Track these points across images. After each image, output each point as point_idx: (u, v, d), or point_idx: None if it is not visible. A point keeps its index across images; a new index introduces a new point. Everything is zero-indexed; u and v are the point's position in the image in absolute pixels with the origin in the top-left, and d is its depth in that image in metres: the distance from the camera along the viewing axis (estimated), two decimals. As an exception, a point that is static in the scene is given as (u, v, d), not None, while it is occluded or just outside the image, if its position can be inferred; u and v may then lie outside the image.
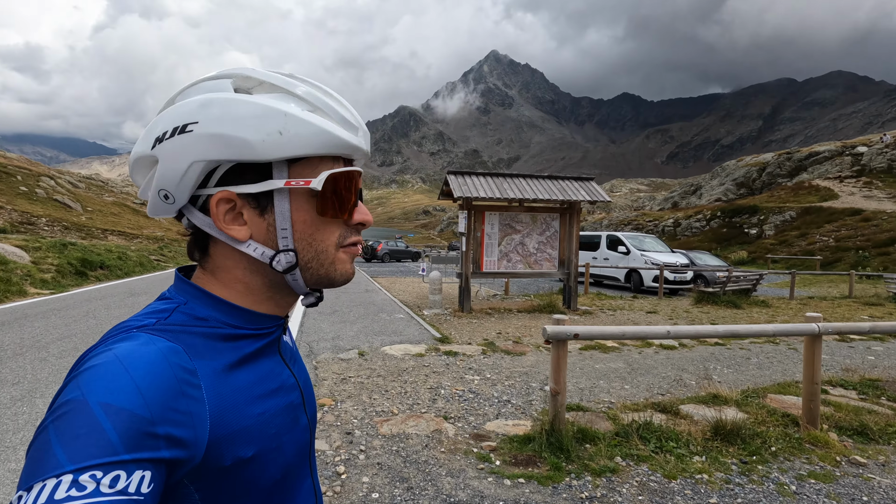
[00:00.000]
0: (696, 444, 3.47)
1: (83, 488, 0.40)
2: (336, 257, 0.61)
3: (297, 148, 0.56)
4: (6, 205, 26.93)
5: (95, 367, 0.47)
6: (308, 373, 0.75)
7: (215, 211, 0.58)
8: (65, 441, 0.42)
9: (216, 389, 0.53)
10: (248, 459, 0.54)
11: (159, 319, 0.55)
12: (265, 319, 0.62)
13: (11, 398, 3.99)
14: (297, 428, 0.63)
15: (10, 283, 10.27)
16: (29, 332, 6.52)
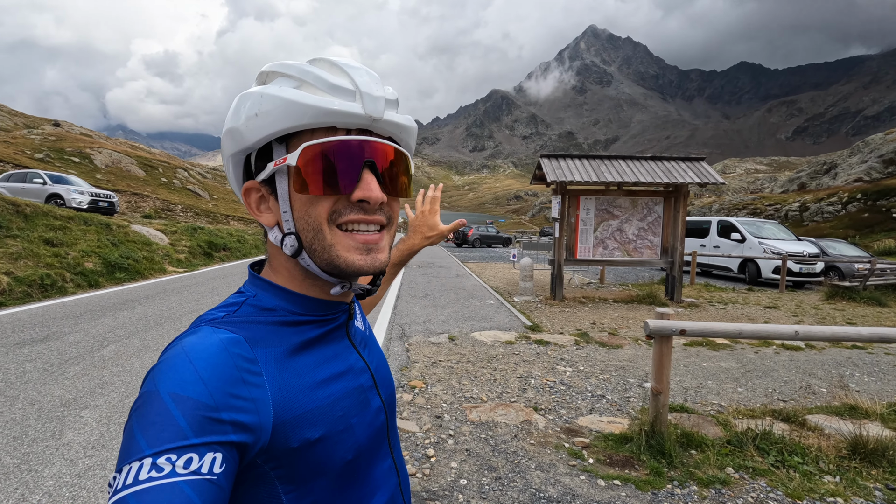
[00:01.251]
0: (829, 462, 3.02)
1: (161, 469, 0.43)
2: (334, 240, 0.57)
3: (271, 125, 0.55)
4: (151, 194, 31.11)
5: (166, 360, 0.51)
6: (384, 356, 0.76)
7: (246, 200, 0.62)
8: (143, 428, 0.46)
9: (278, 376, 0.54)
10: (316, 441, 0.55)
11: (228, 313, 0.58)
12: (327, 306, 0.63)
13: (153, 362, 4.59)
14: (369, 410, 0.63)
15: (154, 261, 11.87)
16: (167, 306, 7.48)
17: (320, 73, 0.56)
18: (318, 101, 0.54)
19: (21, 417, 3.28)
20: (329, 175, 0.55)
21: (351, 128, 0.57)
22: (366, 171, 0.57)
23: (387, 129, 0.59)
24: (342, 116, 0.55)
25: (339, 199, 0.57)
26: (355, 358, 0.65)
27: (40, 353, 4.72)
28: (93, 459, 2.77)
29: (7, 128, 36.40)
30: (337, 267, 0.57)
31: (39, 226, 10.12)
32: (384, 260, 0.60)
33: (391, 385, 0.73)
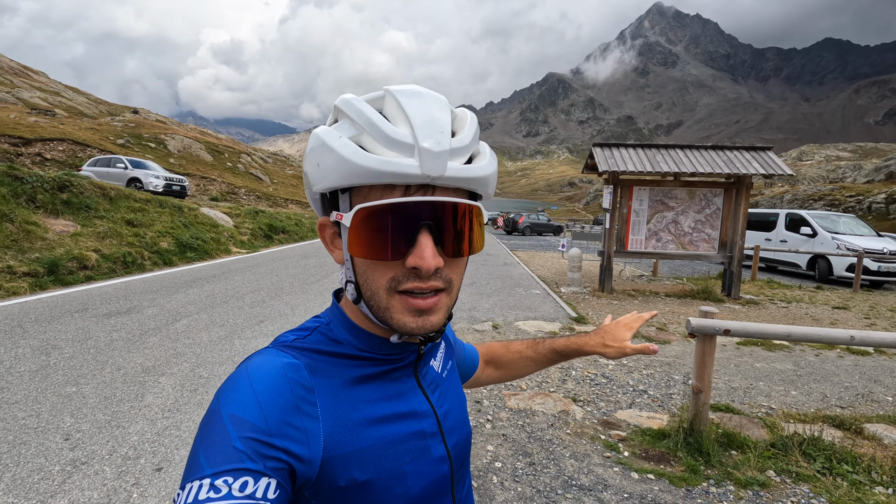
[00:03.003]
0: (882, 473, 2.90)
1: (219, 491, 0.44)
2: (390, 304, 0.55)
3: (327, 180, 0.53)
4: (217, 178, 33.02)
5: (231, 379, 0.54)
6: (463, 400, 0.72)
7: (321, 234, 0.62)
8: (205, 447, 0.47)
9: (333, 408, 0.54)
10: (363, 483, 0.53)
11: (297, 337, 0.60)
12: (391, 345, 0.61)
13: (219, 337, 5.02)
14: (428, 458, 0.60)
15: (220, 242, 12.72)
16: (231, 285, 8.06)
17: (380, 121, 0.52)
18: (368, 160, 0.50)
19: (110, 380, 3.73)
20: (380, 239, 0.52)
21: (411, 184, 0.52)
22: (422, 235, 0.52)
23: (451, 183, 0.53)
24: (395, 177, 0.50)
25: (398, 264, 0.53)
26: (420, 401, 0.63)
27: (124, 324, 5.28)
28: (169, 420, 3.13)
29: (93, 115, 39.64)
30: (390, 325, 0.56)
31: (122, 207, 11.10)
32: (436, 322, 0.56)
33: (464, 433, 0.68)
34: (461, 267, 0.59)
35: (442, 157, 0.51)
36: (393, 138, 0.51)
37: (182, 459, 2.68)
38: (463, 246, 0.55)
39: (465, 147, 0.54)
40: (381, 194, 0.52)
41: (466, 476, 0.69)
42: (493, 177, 0.58)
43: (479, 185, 0.55)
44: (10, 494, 2.30)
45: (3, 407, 3.18)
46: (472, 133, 0.56)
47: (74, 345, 4.50)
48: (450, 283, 0.56)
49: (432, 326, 0.55)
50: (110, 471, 2.54)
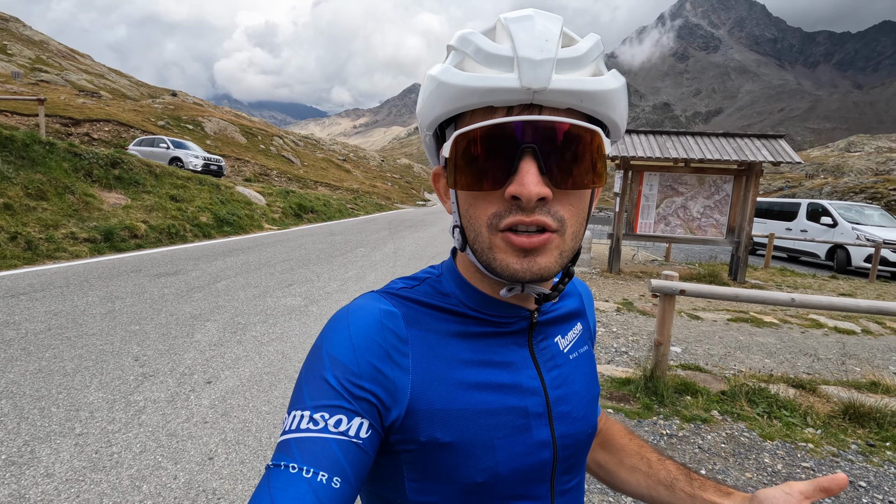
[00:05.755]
0: (816, 419, 3.34)
1: (317, 424, 0.47)
2: (493, 242, 0.50)
3: (429, 113, 0.51)
4: (251, 159, 34.27)
5: (334, 319, 0.55)
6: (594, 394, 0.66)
7: (436, 186, 0.60)
8: (308, 380, 0.50)
9: (425, 362, 0.53)
10: (444, 445, 0.52)
11: (406, 286, 0.60)
12: (500, 305, 0.58)
13: (253, 295, 5.73)
14: (526, 439, 0.55)
15: (253, 219, 13.59)
16: (264, 255, 8.83)
17: (481, 41, 0.48)
18: (462, 79, 0.47)
19: (165, 323, 4.46)
20: (479, 167, 0.48)
21: (512, 105, 0.47)
22: (524, 160, 0.46)
23: (560, 99, 0.46)
24: (493, 94, 0.46)
25: (498, 197, 0.49)
26: (530, 375, 0.58)
27: (172, 283, 6.06)
28: (215, 351, 3.82)
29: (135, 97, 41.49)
30: (494, 270, 0.51)
31: (166, 184, 12.03)
32: (544, 265, 0.49)
33: (581, 427, 0.61)
34: (578, 206, 0.51)
35: (544, 66, 0.45)
36: (492, 54, 0.47)
37: (227, 378, 3.36)
38: (574, 176, 0.48)
39: (577, 59, 0.47)
40: (482, 119, 0.48)
41: (576, 474, 0.63)
42: (618, 97, 0.50)
43: (596, 103, 0.48)
44: (101, 391, 3.02)
45: (84, 337, 3.93)
46: (588, 46, 0.48)
47: (133, 296, 5.28)
48: (562, 222, 0.49)
49: (539, 270, 0.49)
50: (172, 381, 3.23)
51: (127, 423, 2.68)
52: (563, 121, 0.46)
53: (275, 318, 4.88)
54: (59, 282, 5.71)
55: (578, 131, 0.47)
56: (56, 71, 36.66)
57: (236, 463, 2.39)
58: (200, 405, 2.94)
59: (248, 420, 2.81)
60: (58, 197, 8.68)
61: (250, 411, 2.92)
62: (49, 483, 2.14)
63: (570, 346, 0.65)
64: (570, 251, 0.52)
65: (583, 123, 0.47)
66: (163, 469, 2.29)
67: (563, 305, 0.67)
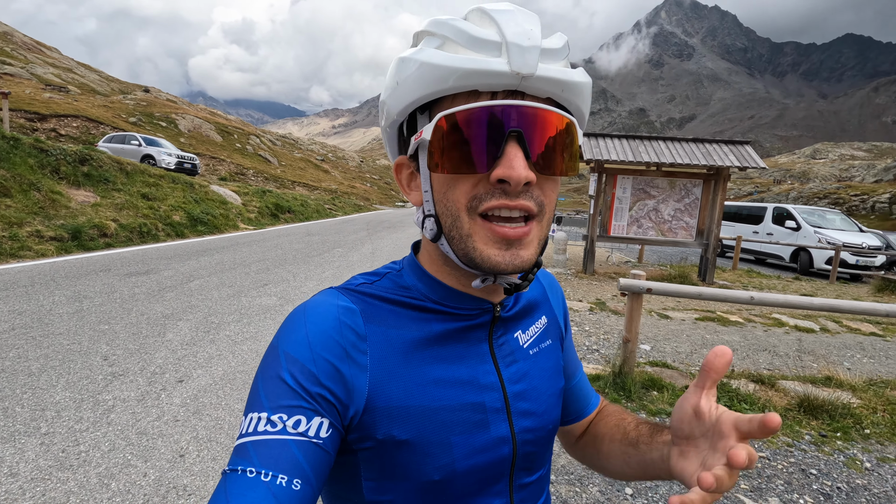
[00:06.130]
0: (773, 411, 3.49)
1: (275, 425, 0.46)
2: (473, 230, 0.49)
3: (408, 93, 0.50)
4: (226, 158, 33.68)
5: (290, 317, 0.54)
6: (556, 387, 0.65)
7: (397, 176, 0.59)
8: (264, 381, 0.49)
9: (383, 358, 0.52)
10: (401, 442, 0.51)
11: (366, 282, 0.59)
12: (463, 298, 0.57)
13: (228, 295, 5.67)
14: (483, 435, 0.55)
15: (228, 218, 13.38)
16: (239, 255, 8.72)
17: (464, 25, 0.48)
18: (450, 60, 0.46)
19: (136, 322, 4.38)
20: (463, 150, 0.47)
21: (497, 90, 0.47)
22: (510, 145, 0.47)
23: (543, 87, 0.48)
24: (481, 76, 0.46)
25: (480, 180, 0.49)
26: (487, 370, 0.57)
27: (144, 282, 5.94)
28: (187, 350, 3.78)
29: (105, 93, 40.32)
30: (473, 260, 0.50)
31: (137, 182, 11.76)
32: (527, 258, 0.50)
33: (542, 422, 0.61)
34: (554, 192, 0.52)
35: (532, 53, 0.46)
36: (478, 37, 0.47)
37: (199, 377, 3.33)
38: (556, 162, 0.49)
39: (557, 51, 0.49)
40: (465, 103, 0.48)
41: (537, 470, 0.62)
42: (588, 90, 0.52)
43: (574, 94, 0.50)
44: (69, 390, 2.97)
45: (50, 337, 3.84)
46: (563, 40, 0.50)
47: (102, 296, 5.17)
48: (542, 206, 0.50)
49: (522, 262, 0.49)
50: (143, 380, 3.20)
51: (95, 421, 2.64)
52: (550, 109, 0.48)
53: (249, 317, 4.84)
54: (23, 281, 5.55)
55: (560, 119, 0.49)
56: (21, 64, 35.37)
57: (208, 460, 2.39)
58: (172, 404, 2.92)
59: (221, 418, 2.81)
60: (22, 194, 8.40)
61: (223, 409, 2.91)
62: (13, 483, 2.10)
63: (531, 340, 0.64)
64: (544, 240, 0.53)
65: (564, 113, 0.49)
66: (132, 467, 2.28)
67: (523, 297, 0.66)
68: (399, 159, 0.58)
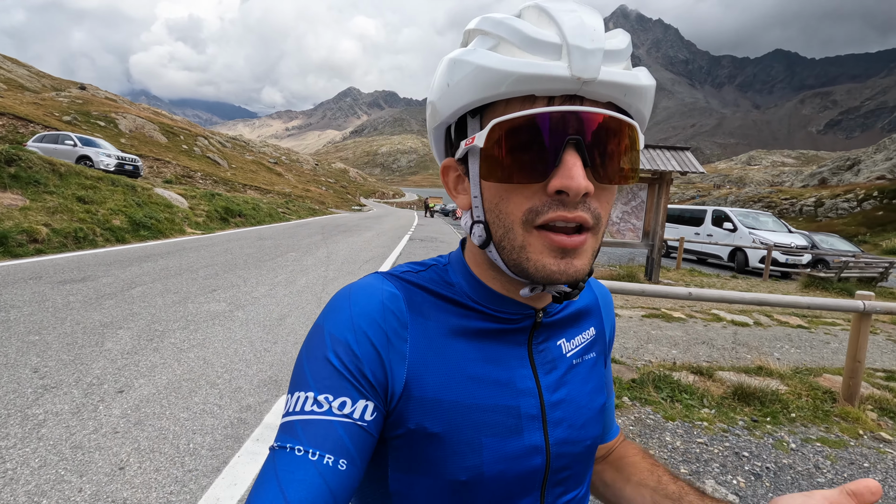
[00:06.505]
0: (711, 400, 3.72)
1: (321, 406, 0.47)
2: (526, 241, 0.47)
3: (459, 97, 0.48)
4: (172, 160, 32.17)
5: (335, 298, 0.54)
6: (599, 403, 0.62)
7: (444, 179, 0.57)
8: (309, 361, 0.50)
9: (422, 349, 0.52)
10: (431, 435, 0.51)
11: (411, 270, 0.59)
12: (506, 302, 0.56)
13: (173, 302, 5.43)
14: (513, 441, 0.53)
15: (174, 223, 12.80)
16: (185, 260, 8.36)
17: (521, 25, 0.45)
18: (506, 63, 0.44)
19: (70, 331, 4.12)
20: (518, 159, 0.45)
21: (554, 94, 0.45)
22: (568, 153, 0.44)
23: (604, 91, 0.45)
24: (538, 81, 0.44)
25: (536, 191, 0.46)
26: (524, 375, 0.56)
27: (80, 290, 5.60)
28: (129, 360, 3.60)
29: (36, 89, 37.63)
30: (525, 270, 0.48)
31: (72, 184, 11.05)
32: (580, 267, 0.48)
33: (581, 436, 0.58)
34: (610, 202, 0.50)
35: (595, 55, 0.43)
36: (536, 39, 0.44)
37: (141, 386, 3.18)
38: (616, 171, 0.47)
39: (620, 52, 0.46)
40: (519, 108, 0.46)
41: (572, 489, 0.59)
42: (652, 93, 0.50)
43: (636, 98, 0.47)
44: (-8, 405, 2.76)
45: (-28, 349, 3.55)
46: (627, 40, 0.48)
47: (32, 305, 4.83)
48: (598, 219, 0.48)
49: (576, 272, 0.47)
50: (78, 392, 3.01)
51: (24, 437, 2.47)
52: (611, 114, 0.45)
53: (196, 324, 4.66)
54: (-60, 290, 5.10)
55: (622, 125, 0.46)
56: (-63, 56, 32.45)
57: (150, 471, 2.29)
58: (110, 415, 2.77)
59: (165, 428, 2.69)
60: (-61, 196, 7.72)
61: (167, 419, 2.79)
62: (-72, 506, 1.94)
63: (575, 350, 0.62)
64: (597, 251, 0.51)
65: (626, 118, 0.46)
66: (66, 482, 2.15)
67: (571, 305, 0.63)
68: (446, 161, 0.56)
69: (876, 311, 3.67)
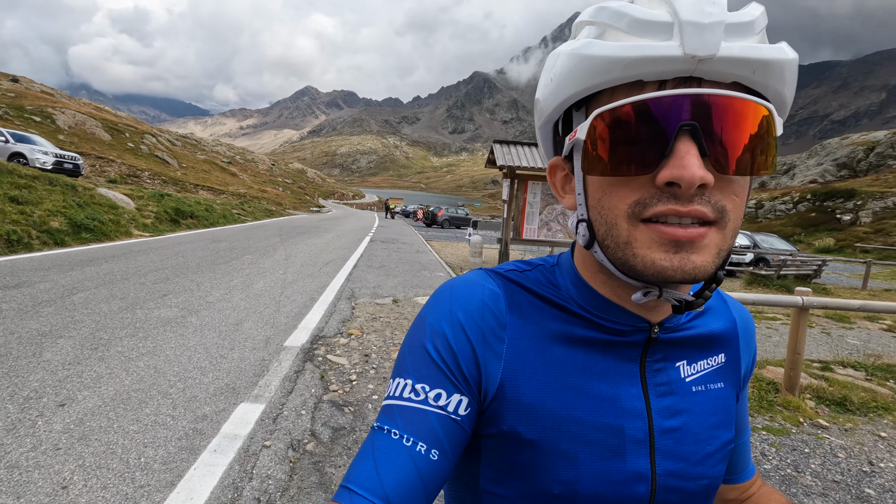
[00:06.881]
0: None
1: (418, 394, 0.48)
2: (632, 235, 0.43)
3: (560, 92, 0.45)
4: (116, 158, 30.48)
5: (438, 289, 0.55)
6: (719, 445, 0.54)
7: (551, 179, 0.55)
8: (410, 350, 0.52)
9: (520, 352, 0.51)
10: (525, 441, 0.49)
11: (516, 269, 0.57)
12: (615, 310, 0.52)
13: (120, 308, 5.14)
14: (616, 463, 0.49)
15: (120, 224, 12.12)
16: (133, 264, 7.94)
17: (628, 8, 0.41)
18: (605, 49, 0.40)
19: (3, 342, 3.82)
20: (622, 150, 0.41)
21: (666, 78, 0.40)
22: (682, 141, 0.39)
23: (726, 70, 0.40)
24: (643, 64, 0.39)
25: (644, 184, 0.42)
26: (633, 394, 0.51)
27: (14, 297, 5.20)
28: (70, 371, 3.37)
29: (-38, 81, 34.79)
30: (633, 267, 0.43)
31: (4, 183, 10.27)
32: (700, 264, 0.41)
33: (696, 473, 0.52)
34: (740, 195, 0.43)
35: (713, 30, 0.38)
36: (644, 20, 0.40)
37: (85, 399, 2.99)
38: (741, 160, 0.40)
39: (748, 25, 0.40)
40: (626, 95, 0.42)
41: None
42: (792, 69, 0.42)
43: (769, 75, 0.41)
44: (-88, 424, 2.51)
45: None
46: (759, 11, 0.41)
47: (-41, 314, 4.44)
48: (722, 212, 0.42)
49: (694, 269, 0.41)
50: (13, 407, 2.79)
51: (-50, 459, 2.27)
52: (735, 95, 0.40)
53: (146, 331, 4.43)
54: None
55: (748, 107, 0.40)
56: None
57: (97, 489, 2.15)
58: (51, 431, 2.59)
59: (113, 442, 2.54)
60: None
61: (115, 432, 2.64)
62: None
63: (696, 375, 0.55)
64: (727, 250, 0.43)
65: (757, 99, 0.40)
66: (1, 506, 1.99)
67: (700, 325, 0.56)
68: (553, 160, 0.54)
69: (813, 305, 3.93)
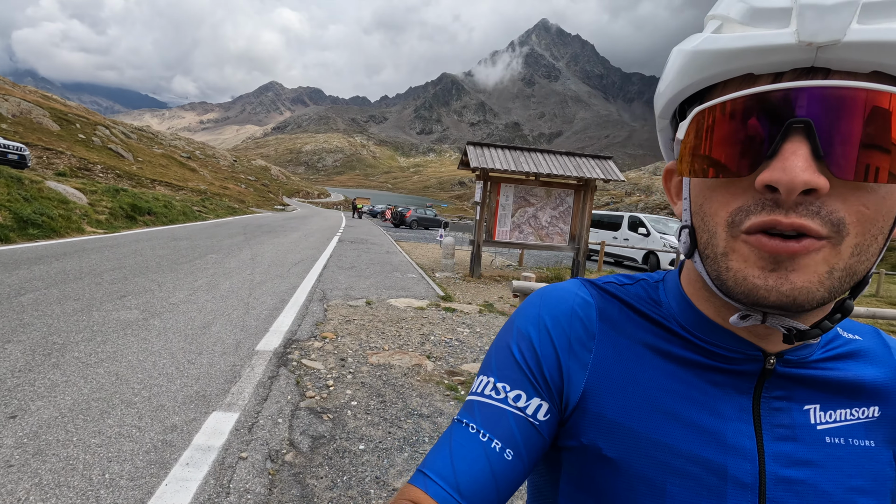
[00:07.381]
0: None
1: (498, 393, 0.48)
2: (730, 247, 0.38)
3: (669, 88, 0.43)
4: (66, 150, 28.82)
5: (533, 295, 0.55)
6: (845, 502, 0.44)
7: (665, 185, 0.51)
8: (497, 349, 0.52)
9: (607, 364, 0.48)
10: (606, 459, 0.46)
11: (616, 282, 0.55)
12: (719, 333, 0.46)
13: (74, 310, 4.81)
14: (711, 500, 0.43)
15: (71, 220, 11.44)
16: (87, 262, 7.48)
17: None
18: (716, 42, 0.37)
19: (-58, 348, 3.50)
20: (720, 150, 0.37)
21: (783, 69, 0.36)
22: (792, 140, 0.34)
23: (859, 57, 0.34)
24: (751, 55, 0.36)
25: (746, 188, 0.37)
26: (742, 431, 0.44)
27: (-47, 298, 4.79)
28: (21, 379, 3.12)
29: None
30: (724, 283, 0.39)
31: (-60, 174, 9.51)
32: (802, 285, 0.36)
33: None
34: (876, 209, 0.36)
35: (839, 12, 0.33)
36: (760, 7, 0.36)
37: (39, 409, 2.76)
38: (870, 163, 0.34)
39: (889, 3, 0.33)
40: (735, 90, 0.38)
41: None
42: None
43: None
44: None
45: None
46: None
47: None
48: (838, 226, 0.35)
49: (792, 291, 0.36)
50: (-44, 420, 2.55)
51: None
52: (867, 87, 0.33)
53: (104, 334, 4.16)
54: None
55: (886, 100, 0.33)
56: None
57: (57, 509, 1.98)
58: (1, 445, 2.37)
59: (73, 457, 2.35)
60: None
61: (74, 446, 2.44)
62: None
63: (834, 425, 0.46)
64: (846, 272, 0.37)
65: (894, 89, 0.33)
66: (-55, 532, 1.80)
67: (846, 369, 0.48)
68: (668, 165, 0.51)
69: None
